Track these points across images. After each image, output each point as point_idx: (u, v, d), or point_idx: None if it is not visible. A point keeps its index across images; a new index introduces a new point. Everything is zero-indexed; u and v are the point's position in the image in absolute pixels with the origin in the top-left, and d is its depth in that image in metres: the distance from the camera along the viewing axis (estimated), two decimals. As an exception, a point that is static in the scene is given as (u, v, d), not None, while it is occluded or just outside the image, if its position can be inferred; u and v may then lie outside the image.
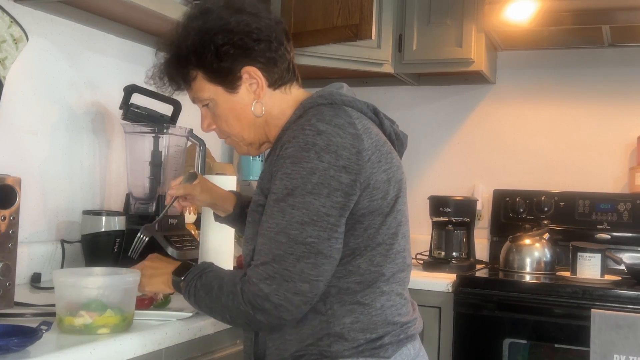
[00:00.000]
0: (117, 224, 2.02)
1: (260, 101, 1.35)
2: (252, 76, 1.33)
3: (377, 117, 1.35)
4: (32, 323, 1.28)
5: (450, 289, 2.44)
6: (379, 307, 1.26)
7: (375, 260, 1.26)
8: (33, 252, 2.00)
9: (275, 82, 1.36)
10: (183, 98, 1.57)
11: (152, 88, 1.48)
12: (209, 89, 1.35)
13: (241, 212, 1.60)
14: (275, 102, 1.36)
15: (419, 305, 1.45)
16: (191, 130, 2.17)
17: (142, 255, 1.56)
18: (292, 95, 1.38)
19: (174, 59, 1.37)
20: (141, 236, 1.58)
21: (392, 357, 1.26)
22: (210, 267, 1.33)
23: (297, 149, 1.21)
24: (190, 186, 1.57)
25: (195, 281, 1.29)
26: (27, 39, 1.87)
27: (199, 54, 1.32)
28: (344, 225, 1.22)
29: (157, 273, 1.43)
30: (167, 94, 1.45)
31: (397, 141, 1.41)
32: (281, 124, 1.35)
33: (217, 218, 1.68)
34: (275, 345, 1.28)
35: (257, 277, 1.20)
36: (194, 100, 1.41)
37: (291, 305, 1.18)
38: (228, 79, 1.33)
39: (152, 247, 1.56)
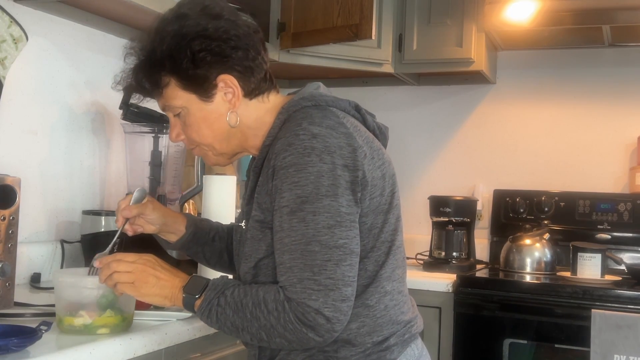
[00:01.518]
0: (117, 224, 2.01)
1: (235, 111, 1.30)
2: (228, 85, 1.28)
3: (359, 113, 1.33)
4: (32, 323, 1.28)
5: (451, 289, 2.44)
6: (383, 308, 1.25)
7: (380, 260, 1.25)
8: (33, 252, 2.00)
9: (252, 92, 1.31)
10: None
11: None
12: (182, 97, 1.29)
13: (195, 233, 1.51)
14: (251, 112, 1.31)
15: (419, 305, 1.44)
16: (191, 130, 2.16)
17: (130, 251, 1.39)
18: (270, 103, 1.33)
19: (146, 63, 1.29)
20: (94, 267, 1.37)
21: (397, 358, 1.25)
22: (232, 282, 1.24)
23: (297, 155, 1.17)
24: (141, 205, 1.44)
25: (218, 298, 1.20)
26: (27, 38, 1.87)
27: (174, 60, 1.25)
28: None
29: (159, 284, 1.28)
30: (135, 101, 1.40)
31: (380, 135, 1.38)
32: (262, 132, 1.30)
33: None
34: (280, 356, 1.26)
35: (299, 296, 1.13)
36: (164, 108, 1.33)
37: (341, 314, 1.14)
38: (203, 87, 1.27)
39: (149, 246, 1.53)
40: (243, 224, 1.34)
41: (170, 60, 1.26)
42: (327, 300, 1.13)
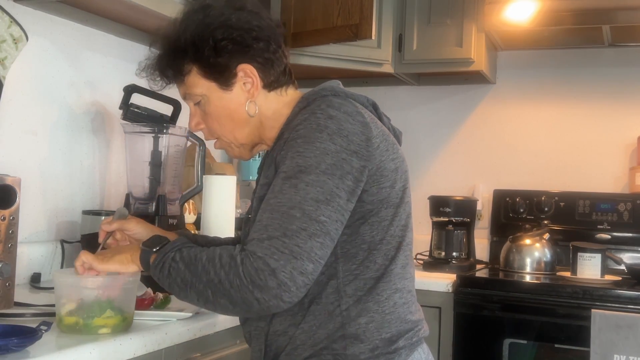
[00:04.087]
0: (117, 224, 2.01)
1: (254, 101, 1.33)
2: (247, 74, 1.31)
3: (376, 112, 1.35)
4: (32, 323, 1.28)
5: (451, 289, 2.44)
6: (392, 305, 1.25)
7: (389, 254, 1.26)
8: (33, 252, 2.00)
9: (271, 84, 1.34)
10: (183, 98, 1.56)
11: (146, 84, 1.45)
12: (203, 85, 1.32)
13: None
14: (269, 104, 1.35)
15: (418, 305, 1.45)
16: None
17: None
18: (289, 97, 1.37)
19: (169, 51, 1.34)
20: None
21: None
22: (194, 245, 1.25)
23: (309, 129, 1.19)
24: (123, 220, 1.48)
25: (174, 253, 1.20)
26: (27, 38, 1.87)
27: (197, 47, 1.29)
28: (349, 212, 1.20)
29: (120, 251, 1.33)
30: (157, 89, 1.42)
31: (394, 137, 1.40)
32: (278, 124, 1.32)
33: None
34: (285, 352, 1.25)
35: (262, 252, 1.12)
36: (185, 96, 1.37)
37: (294, 285, 1.12)
38: (223, 76, 1.31)
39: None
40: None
41: (193, 48, 1.30)
42: (286, 265, 1.11)
